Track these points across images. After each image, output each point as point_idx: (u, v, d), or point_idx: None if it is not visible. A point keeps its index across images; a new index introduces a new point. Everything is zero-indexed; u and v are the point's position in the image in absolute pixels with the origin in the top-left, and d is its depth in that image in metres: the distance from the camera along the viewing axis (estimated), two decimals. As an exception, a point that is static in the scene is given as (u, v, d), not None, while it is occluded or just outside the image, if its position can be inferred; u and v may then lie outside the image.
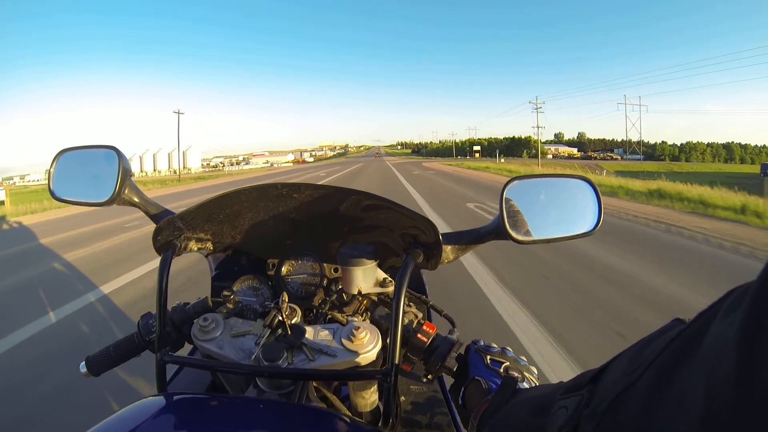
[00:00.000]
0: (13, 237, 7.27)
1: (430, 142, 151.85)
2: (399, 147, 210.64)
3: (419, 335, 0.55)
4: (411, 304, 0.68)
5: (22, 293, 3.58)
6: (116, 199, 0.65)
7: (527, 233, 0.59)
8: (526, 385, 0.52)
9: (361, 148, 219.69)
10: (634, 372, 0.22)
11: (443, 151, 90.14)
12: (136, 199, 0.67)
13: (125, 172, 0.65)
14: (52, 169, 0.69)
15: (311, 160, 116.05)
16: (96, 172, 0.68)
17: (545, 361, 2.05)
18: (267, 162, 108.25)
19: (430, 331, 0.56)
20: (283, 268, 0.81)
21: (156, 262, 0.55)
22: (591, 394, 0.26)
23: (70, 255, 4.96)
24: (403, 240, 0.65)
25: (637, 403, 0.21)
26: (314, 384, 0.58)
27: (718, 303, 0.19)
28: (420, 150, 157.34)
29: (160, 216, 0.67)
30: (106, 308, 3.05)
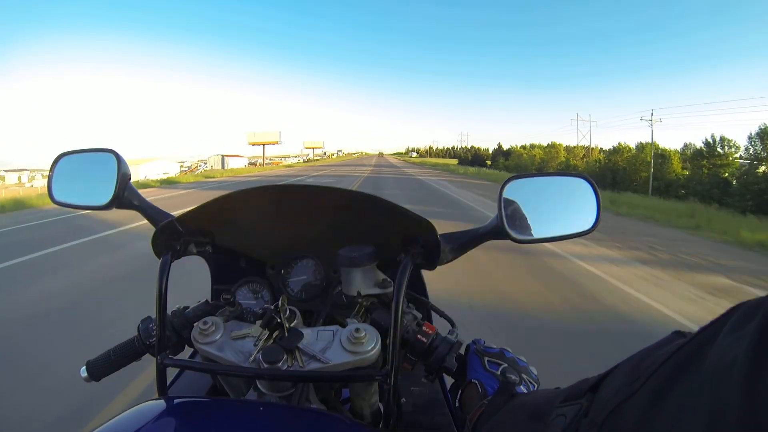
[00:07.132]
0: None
1: (518, 147, 52.73)
2: (414, 155, 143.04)
3: (419, 336, 0.55)
4: (410, 304, 0.68)
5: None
6: (116, 202, 0.65)
7: (526, 232, 0.59)
8: (524, 388, 0.51)
9: (354, 155, 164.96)
10: (633, 384, 0.22)
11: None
12: (135, 203, 0.67)
13: (124, 176, 0.65)
14: (51, 173, 0.69)
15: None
16: (95, 175, 0.68)
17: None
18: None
19: (430, 331, 0.56)
20: (282, 270, 0.81)
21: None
22: (590, 404, 0.26)
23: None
24: (402, 241, 0.65)
25: (636, 415, 0.21)
26: (315, 386, 0.58)
27: (721, 318, 0.19)
28: (473, 159, 73.78)
29: (158, 219, 0.67)
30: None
